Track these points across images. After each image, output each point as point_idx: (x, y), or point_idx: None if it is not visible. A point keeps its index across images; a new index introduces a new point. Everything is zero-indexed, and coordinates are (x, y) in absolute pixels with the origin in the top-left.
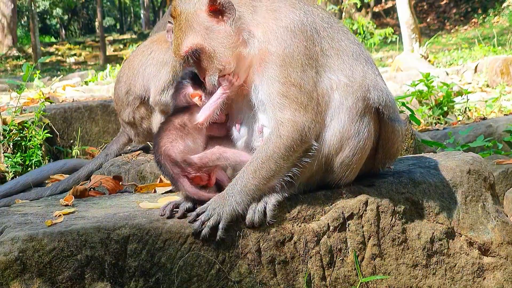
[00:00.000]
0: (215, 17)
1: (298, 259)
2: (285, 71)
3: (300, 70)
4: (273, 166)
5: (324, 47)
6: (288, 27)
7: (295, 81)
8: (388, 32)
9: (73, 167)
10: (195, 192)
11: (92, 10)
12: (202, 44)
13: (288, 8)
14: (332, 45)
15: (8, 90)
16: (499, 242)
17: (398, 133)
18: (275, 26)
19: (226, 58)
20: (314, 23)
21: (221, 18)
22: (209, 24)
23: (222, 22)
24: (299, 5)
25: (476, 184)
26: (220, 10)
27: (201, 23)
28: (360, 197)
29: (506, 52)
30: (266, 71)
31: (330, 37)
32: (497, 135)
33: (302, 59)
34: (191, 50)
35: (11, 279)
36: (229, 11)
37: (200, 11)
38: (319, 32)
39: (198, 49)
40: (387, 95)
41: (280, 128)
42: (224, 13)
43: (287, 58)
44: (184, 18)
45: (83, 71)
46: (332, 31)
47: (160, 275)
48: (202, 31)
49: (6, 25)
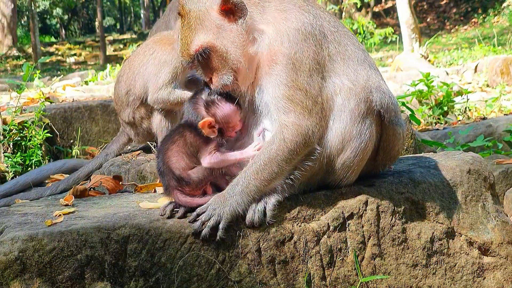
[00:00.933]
0: (226, 16)
1: (298, 259)
2: (293, 75)
3: (307, 75)
4: (275, 169)
5: (331, 52)
6: (299, 29)
7: (301, 85)
8: (388, 32)
9: (73, 167)
10: (187, 201)
11: (92, 10)
12: (214, 43)
13: (298, 9)
14: (338, 49)
15: (8, 90)
16: (499, 242)
17: (399, 136)
18: (286, 27)
19: (237, 57)
20: (322, 26)
21: (232, 17)
22: (221, 23)
23: (233, 21)
24: (307, 7)
25: (476, 183)
26: (232, 10)
27: (213, 21)
28: (360, 197)
29: (506, 52)
30: (273, 72)
31: (337, 42)
32: (497, 135)
33: (311, 63)
34: (202, 49)
35: (11, 279)
36: (241, 10)
37: (212, 9)
38: (327, 36)
39: (209, 48)
40: (389, 97)
41: (284, 131)
42: (235, 12)
43: (297, 62)
44: (194, 17)
45: (83, 71)
46: (339, 35)
47: (160, 275)
48: (213, 29)
49: (6, 25)
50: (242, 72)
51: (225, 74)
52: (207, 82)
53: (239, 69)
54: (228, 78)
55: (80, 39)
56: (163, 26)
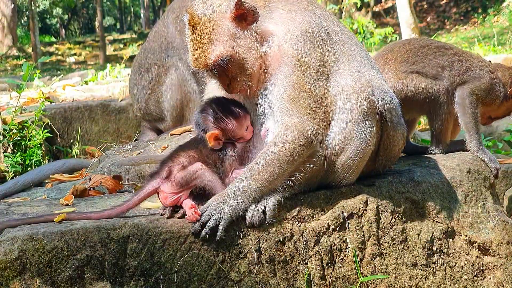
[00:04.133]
0: (239, 22)
1: (298, 259)
2: (299, 76)
3: (314, 77)
4: (277, 170)
5: (337, 53)
6: (307, 31)
7: (307, 87)
8: (388, 31)
9: (72, 166)
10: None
11: (92, 9)
12: (231, 52)
13: (303, 10)
14: (343, 50)
15: (8, 90)
16: (499, 241)
17: (400, 136)
18: (294, 28)
19: (253, 61)
20: (327, 27)
21: (244, 23)
22: (235, 31)
23: (246, 27)
24: (312, 8)
25: (476, 183)
26: (244, 15)
27: (227, 30)
28: (360, 196)
29: (506, 52)
30: (280, 72)
31: (342, 42)
32: (497, 134)
33: (317, 65)
34: (220, 59)
35: (11, 279)
36: (253, 15)
37: (224, 18)
38: (332, 36)
39: (226, 58)
40: (391, 97)
41: (287, 132)
42: (247, 17)
43: (304, 64)
44: (207, 26)
45: (83, 71)
46: (343, 35)
47: (160, 274)
48: (229, 38)
49: (6, 24)
50: (257, 74)
51: (242, 80)
52: (225, 89)
53: (254, 73)
54: (245, 83)
55: (80, 39)
56: (161, 28)
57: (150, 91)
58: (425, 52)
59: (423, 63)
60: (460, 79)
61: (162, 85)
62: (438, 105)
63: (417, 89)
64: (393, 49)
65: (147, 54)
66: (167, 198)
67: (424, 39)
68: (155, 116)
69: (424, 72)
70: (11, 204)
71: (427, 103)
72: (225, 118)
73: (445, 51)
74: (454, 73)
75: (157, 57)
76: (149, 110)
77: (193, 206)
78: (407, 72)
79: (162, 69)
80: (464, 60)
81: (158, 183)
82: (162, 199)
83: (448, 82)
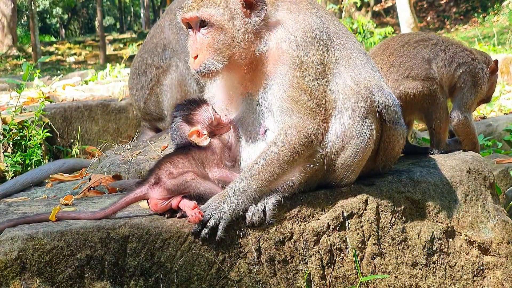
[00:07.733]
0: (246, 8)
1: (298, 258)
2: (299, 76)
3: (313, 78)
4: (277, 170)
5: (337, 55)
6: (308, 32)
7: (306, 87)
8: (388, 31)
9: (72, 166)
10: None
11: (92, 9)
12: (223, 24)
13: (306, 12)
14: (343, 52)
15: (8, 90)
16: (499, 241)
17: (399, 136)
18: (295, 29)
19: (238, 49)
20: (329, 29)
21: (249, 12)
22: (239, 11)
23: (248, 16)
24: (314, 10)
25: (476, 183)
26: (252, 4)
27: (232, 6)
28: (360, 196)
29: (506, 51)
30: (279, 72)
31: (342, 45)
32: (497, 134)
33: (317, 66)
34: (208, 21)
35: (11, 279)
36: (261, 9)
37: None
38: (333, 39)
39: (214, 24)
40: (390, 98)
41: (287, 132)
42: (254, 7)
43: (303, 64)
44: None
45: (83, 71)
46: (344, 38)
47: (160, 274)
48: (230, 13)
49: (6, 24)
50: (238, 68)
51: (217, 60)
52: (191, 54)
53: (236, 63)
54: (218, 65)
55: (80, 39)
56: (159, 30)
57: (149, 91)
58: (406, 50)
59: (409, 62)
60: (448, 71)
61: (162, 85)
62: (435, 105)
63: (414, 94)
64: (375, 58)
65: (144, 55)
66: (157, 204)
67: (400, 37)
68: (155, 115)
69: (414, 75)
70: (11, 204)
71: (424, 105)
72: (191, 111)
73: (425, 43)
74: (440, 64)
75: (154, 58)
76: (149, 110)
77: (195, 207)
78: (398, 80)
79: (160, 69)
80: (447, 49)
81: (147, 189)
82: (152, 206)
83: (438, 76)
